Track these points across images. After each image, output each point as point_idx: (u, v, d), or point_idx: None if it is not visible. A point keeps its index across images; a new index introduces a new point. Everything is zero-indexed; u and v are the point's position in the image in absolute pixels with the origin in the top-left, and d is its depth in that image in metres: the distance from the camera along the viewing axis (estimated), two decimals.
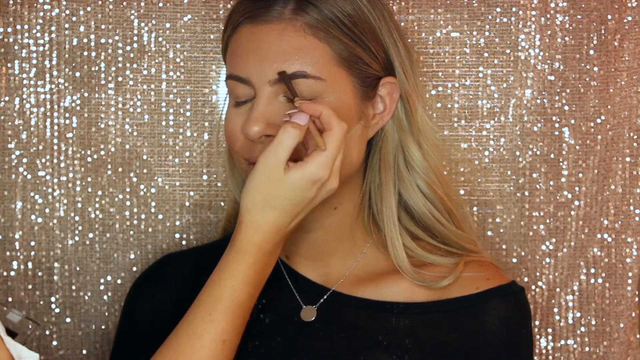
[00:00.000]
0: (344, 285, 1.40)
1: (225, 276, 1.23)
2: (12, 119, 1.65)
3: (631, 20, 1.65)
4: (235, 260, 1.23)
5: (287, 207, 1.23)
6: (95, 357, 1.68)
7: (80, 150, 1.66)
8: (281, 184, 1.22)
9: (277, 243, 1.26)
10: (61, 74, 1.65)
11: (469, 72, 1.66)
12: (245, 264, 1.23)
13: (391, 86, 1.36)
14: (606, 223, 1.68)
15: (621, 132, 1.67)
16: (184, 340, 1.21)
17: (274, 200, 1.23)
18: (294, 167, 1.23)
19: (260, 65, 1.30)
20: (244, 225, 1.24)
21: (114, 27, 1.65)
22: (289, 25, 1.31)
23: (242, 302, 1.23)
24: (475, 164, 1.67)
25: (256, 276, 1.24)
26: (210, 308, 1.21)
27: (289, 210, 1.24)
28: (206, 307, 1.22)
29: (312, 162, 1.23)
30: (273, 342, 1.36)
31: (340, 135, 1.24)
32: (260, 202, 1.23)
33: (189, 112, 1.67)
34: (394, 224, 1.38)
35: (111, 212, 1.67)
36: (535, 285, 1.68)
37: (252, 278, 1.23)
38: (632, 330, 1.70)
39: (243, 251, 1.23)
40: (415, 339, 1.34)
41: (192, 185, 1.68)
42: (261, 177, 1.23)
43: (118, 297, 1.68)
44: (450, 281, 1.37)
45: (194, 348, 1.21)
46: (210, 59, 1.66)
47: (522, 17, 1.65)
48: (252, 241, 1.23)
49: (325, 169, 1.23)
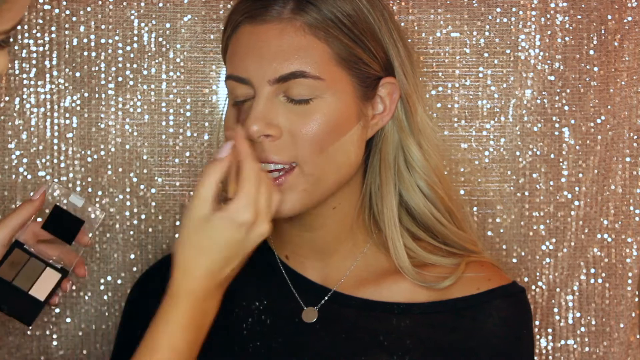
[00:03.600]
0: (344, 286, 1.40)
1: (161, 324, 1.20)
2: (12, 119, 1.65)
3: (631, 20, 1.65)
4: (170, 308, 1.20)
5: (214, 249, 1.20)
6: (95, 357, 1.68)
7: (80, 151, 1.66)
8: (206, 226, 1.19)
9: (212, 290, 1.22)
10: (61, 74, 1.65)
11: (469, 72, 1.66)
12: (180, 311, 1.20)
13: (391, 86, 1.36)
14: (606, 223, 1.68)
15: (621, 132, 1.67)
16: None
17: (201, 244, 1.20)
18: (218, 209, 1.20)
19: (260, 65, 1.30)
20: (176, 272, 1.21)
21: (114, 27, 1.65)
22: (288, 25, 1.31)
23: (182, 349, 1.19)
24: (475, 164, 1.67)
25: (194, 322, 1.20)
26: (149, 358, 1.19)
27: (218, 254, 1.20)
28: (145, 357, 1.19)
29: (232, 204, 1.20)
30: (274, 343, 1.36)
31: (251, 174, 1.21)
32: (188, 247, 1.20)
33: (189, 112, 1.67)
34: (394, 224, 1.38)
35: (111, 212, 1.67)
36: (535, 285, 1.68)
37: (190, 324, 1.20)
38: (632, 330, 1.70)
39: (176, 297, 1.20)
40: (416, 340, 1.34)
41: (192, 186, 1.68)
42: (188, 220, 1.20)
43: (118, 297, 1.68)
44: (451, 282, 1.37)
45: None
46: (210, 59, 1.66)
47: (522, 17, 1.65)
48: (183, 287, 1.20)
49: (247, 209, 1.20)
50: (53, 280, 1.32)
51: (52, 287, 1.32)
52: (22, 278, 1.32)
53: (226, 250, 1.20)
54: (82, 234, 1.34)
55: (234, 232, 1.20)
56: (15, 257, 1.32)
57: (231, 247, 1.20)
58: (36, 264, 1.32)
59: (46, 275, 1.32)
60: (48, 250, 1.34)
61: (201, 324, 1.22)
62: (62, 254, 1.34)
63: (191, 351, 1.21)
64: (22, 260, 1.32)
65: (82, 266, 1.35)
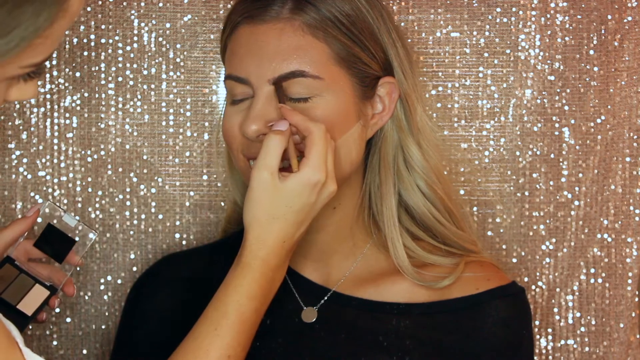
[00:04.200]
0: (344, 286, 1.40)
1: (230, 291, 1.21)
2: (12, 119, 1.65)
3: (631, 20, 1.65)
4: (241, 276, 1.22)
5: (289, 216, 1.23)
6: (95, 357, 1.68)
7: (80, 150, 1.66)
8: (280, 192, 1.22)
9: (283, 256, 1.24)
10: (61, 74, 1.65)
11: (469, 72, 1.66)
12: (251, 279, 1.22)
13: (390, 86, 1.36)
14: (606, 223, 1.68)
15: (621, 132, 1.66)
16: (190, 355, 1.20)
17: (275, 211, 1.22)
18: (291, 175, 1.23)
19: (259, 64, 1.30)
20: (248, 241, 1.23)
21: (114, 27, 1.65)
22: (287, 25, 1.31)
23: (247, 317, 1.21)
24: (475, 164, 1.67)
25: (262, 291, 1.22)
26: (216, 323, 1.20)
27: (292, 219, 1.23)
28: (212, 322, 1.20)
29: (305, 167, 1.23)
30: (274, 343, 1.36)
31: (320, 134, 1.24)
32: (261, 215, 1.22)
33: (189, 112, 1.67)
34: (394, 224, 1.38)
35: (111, 212, 1.67)
36: (535, 285, 1.68)
37: (258, 293, 1.22)
38: (632, 330, 1.70)
39: (248, 266, 1.22)
40: (415, 340, 1.34)
41: (192, 185, 1.68)
42: (258, 189, 1.22)
43: (118, 297, 1.68)
44: (450, 281, 1.37)
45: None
46: (210, 59, 1.66)
47: (522, 17, 1.65)
48: (257, 256, 1.22)
49: (320, 169, 1.23)
50: (41, 297, 1.33)
51: (40, 304, 1.33)
52: (10, 292, 1.32)
53: (300, 214, 1.23)
54: (72, 254, 1.35)
55: (309, 194, 1.23)
56: (6, 272, 1.33)
57: (304, 210, 1.24)
58: (25, 279, 1.33)
59: (35, 292, 1.33)
60: (38, 268, 1.35)
61: (268, 292, 1.24)
62: (51, 272, 1.35)
63: (257, 319, 1.23)
64: (12, 275, 1.33)
65: (71, 285, 1.36)
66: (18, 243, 1.34)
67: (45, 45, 0.97)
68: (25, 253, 1.36)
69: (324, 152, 1.24)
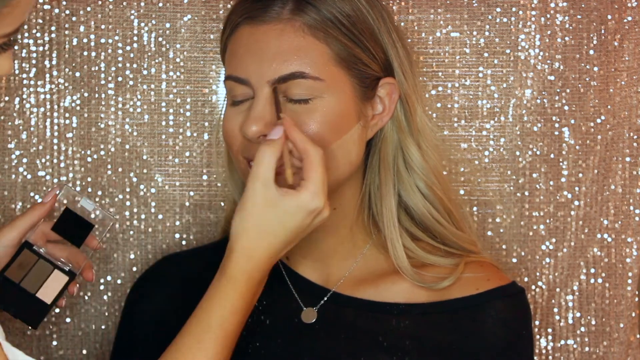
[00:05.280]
0: (344, 286, 1.40)
1: (214, 305, 1.20)
2: (12, 119, 1.65)
3: (631, 20, 1.65)
4: (226, 289, 1.20)
5: (280, 233, 1.21)
6: (95, 357, 1.68)
7: (80, 150, 1.66)
8: (274, 208, 1.20)
9: (266, 272, 1.23)
10: (61, 74, 1.65)
11: (469, 72, 1.66)
12: (237, 293, 1.20)
13: (390, 87, 1.36)
14: (606, 223, 1.68)
15: (621, 132, 1.66)
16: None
17: (266, 226, 1.21)
18: (289, 194, 1.21)
19: (259, 65, 1.30)
20: (235, 252, 1.21)
21: (114, 27, 1.65)
22: (287, 26, 1.31)
23: (230, 331, 1.20)
24: (475, 164, 1.67)
25: (245, 305, 1.21)
26: (199, 337, 1.19)
27: (282, 237, 1.21)
28: (195, 335, 1.19)
29: (305, 190, 1.21)
30: (273, 343, 1.36)
31: (319, 159, 1.22)
32: (251, 227, 1.21)
33: (189, 112, 1.67)
34: (393, 224, 1.38)
35: (111, 212, 1.67)
36: (535, 285, 1.68)
37: (242, 307, 1.21)
38: (632, 330, 1.70)
39: (234, 280, 1.20)
40: (415, 340, 1.34)
41: (192, 185, 1.68)
42: (251, 200, 1.21)
43: (118, 297, 1.68)
44: (450, 282, 1.37)
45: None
46: (210, 59, 1.66)
47: (522, 17, 1.65)
48: (243, 269, 1.21)
49: (319, 197, 1.21)
50: (60, 283, 1.33)
51: (59, 290, 1.32)
52: (30, 280, 1.32)
53: (291, 234, 1.22)
54: (91, 238, 1.35)
55: (304, 218, 1.22)
56: (24, 258, 1.32)
57: (296, 231, 1.22)
58: (44, 265, 1.33)
59: (54, 278, 1.33)
60: (57, 251, 1.35)
61: (250, 306, 1.23)
62: (70, 255, 1.35)
63: (237, 332, 1.22)
64: (31, 261, 1.33)
65: (90, 270, 1.36)
66: (37, 227, 1.33)
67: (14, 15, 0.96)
68: (44, 236, 1.35)
69: (324, 178, 1.22)
